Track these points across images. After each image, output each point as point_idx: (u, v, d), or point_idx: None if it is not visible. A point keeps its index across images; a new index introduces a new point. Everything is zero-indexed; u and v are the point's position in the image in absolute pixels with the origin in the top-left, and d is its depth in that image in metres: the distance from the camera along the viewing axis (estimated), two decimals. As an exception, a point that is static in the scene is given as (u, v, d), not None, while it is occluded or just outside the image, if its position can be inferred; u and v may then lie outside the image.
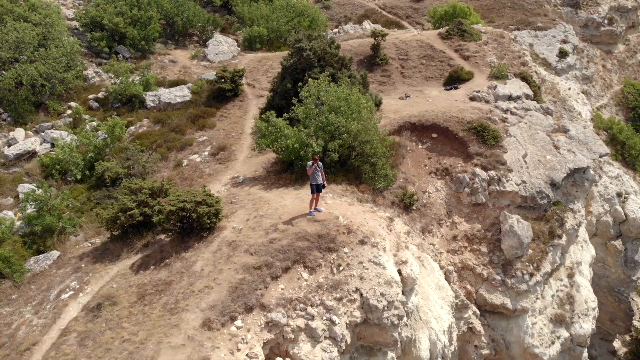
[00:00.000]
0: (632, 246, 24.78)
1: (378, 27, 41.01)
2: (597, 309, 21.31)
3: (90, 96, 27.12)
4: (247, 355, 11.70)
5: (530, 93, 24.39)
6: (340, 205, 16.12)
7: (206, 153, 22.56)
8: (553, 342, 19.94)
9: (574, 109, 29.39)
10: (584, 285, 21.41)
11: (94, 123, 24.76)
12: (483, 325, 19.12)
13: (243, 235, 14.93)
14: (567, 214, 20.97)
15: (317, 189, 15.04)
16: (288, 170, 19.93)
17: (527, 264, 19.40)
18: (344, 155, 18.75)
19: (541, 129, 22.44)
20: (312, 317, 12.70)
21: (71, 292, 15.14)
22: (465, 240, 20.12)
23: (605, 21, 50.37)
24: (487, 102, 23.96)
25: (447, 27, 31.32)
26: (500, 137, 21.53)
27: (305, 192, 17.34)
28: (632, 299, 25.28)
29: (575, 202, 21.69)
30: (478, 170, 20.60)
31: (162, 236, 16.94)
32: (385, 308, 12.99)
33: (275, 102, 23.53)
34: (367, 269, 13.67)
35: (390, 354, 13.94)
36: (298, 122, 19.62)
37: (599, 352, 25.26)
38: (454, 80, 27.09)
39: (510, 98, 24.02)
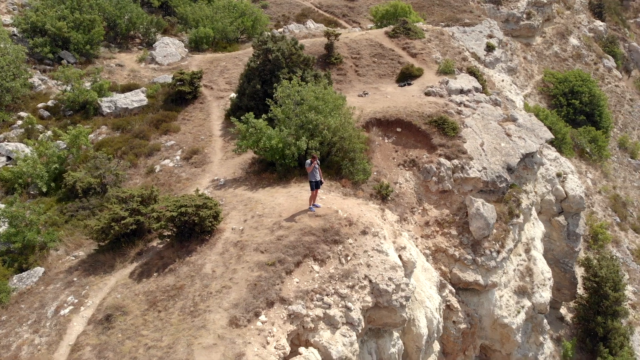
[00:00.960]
0: (573, 220, 27.72)
1: (321, 26, 42.11)
2: (552, 279, 23.74)
3: (40, 105, 25.78)
4: (275, 347, 12.24)
5: (479, 86, 26.51)
6: (334, 199, 16.94)
7: (178, 157, 22.42)
8: (519, 312, 22.04)
9: (509, 99, 32.16)
10: (539, 259, 23.77)
11: (49, 133, 23.70)
12: (459, 302, 20.73)
13: (247, 235, 15.31)
14: (522, 195, 23.17)
15: (315, 186, 15.74)
16: (267, 170, 20.40)
17: (494, 242, 21.28)
18: (324, 152, 19.53)
19: (493, 119, 24.53)
20: (329, 306, 13.43)
21: (71, 307, 14.77)
22: (437, 225, 21.64)
23: (524, 16, 54.88)
24: (441, 96, 25.74)
25: (393, 26, 32.90)
26: (458, 128, 23.29)
27: (295, 190, 18.03)
28: (575, 269, 28.31)
29: (527, 183, 24.00)
30: (442, 160, 22.20)
31: (155, 243, 16.91)
32: (394, 291, 14.01)
33: (243, 103, 23.84)
34: (372, 257, 14.61)
35: (395, 334, 15.02)
36: (273, 122, 20.14)
37: (549, 318, 27.96)
38: (406, 77, 28.69)
39: (462, 92, 25.96)
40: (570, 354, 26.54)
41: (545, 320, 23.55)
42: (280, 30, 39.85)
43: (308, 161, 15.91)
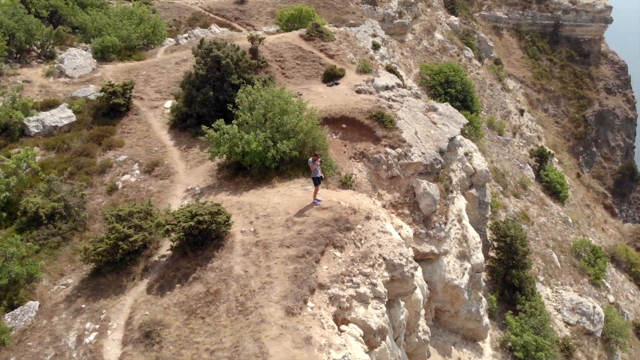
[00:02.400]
0: (481, 192, 32.41)
1: (226, 30, 42.44)
2: (481, 241, 27.86)
3: (-48, 129, 23.01)
4: (329, 327, 13.56)
5: (400, 82, 29.66)
6: (328, 193, 18.42)
7: (138, 171, 21.90)
8: (463, 273, 25.63)
9: (412, 91, 36.14)
10: (469, 226, 27.71)
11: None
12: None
13: (264, 235, 16.16)
14: (450, 174, 26.82)
15: (318, 182, 17.10)
16: (238, 174, 21.08)
17: (440, 216, 24.48)
18: (298, 152, 20.78)
19: (418, 110, 27.81)
20: (358, 285, 15.04)
21: (95, 333, 14.39)
22: (392, 207, 24.16)
23: (397, 15, 60.48)
24: (371, 93, 28.37)
25: (307, 29, 34.75)
26: (394, 120, 26.06)
27: (285, 189, 19.20)
28: (486, 233, 33.18)
29: (452, 163, 27.75)
30: (388, 149, 24.78)
31: (156, 257, 16.87)
32: (405, 264, 16.09)
33: (193, 111, 23.97)
34: (380, 238, 16.49)
35: (402, 303, 17.14)
36: (239, 127, 20.85)
37: (471, 277, 32.54)
38: (331, 77, 30.82)
39: (387, 88, 28.88)
40: (495, 305, 31.22)
41: (482, 278, 27.60)
42: (185, 35, 39.43)
43: (310, 160, 17.21)
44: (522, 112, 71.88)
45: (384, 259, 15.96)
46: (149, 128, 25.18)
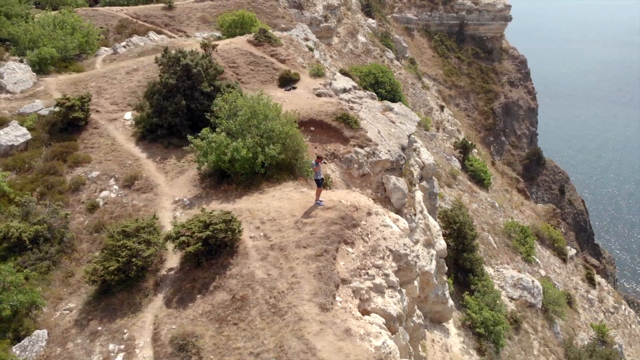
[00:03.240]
0: (430, 184, 34.67)
1: (165, 37, 41.41)
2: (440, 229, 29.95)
3: None
4: (359, 318, 14.40)
5: (356, 85, 30.99)
6: (326, 193, 19.13)
7: (116, 187, 21.20)
8: (432, 260, 27.51)
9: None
10: (429, 215, 29.71)
11: None
12: (397, 262, 25.02)
13: (277, 238, 16.57)
14: (411, 169, 28.61)
15: (320, 183, 17.79)
16: (223, 182, 21.15)
17: (409, 208, 26.13)
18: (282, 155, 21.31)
19: (377, 110, 29.31)
20: (373, 277, 16.00)
21: (123, 353, 14.10)
22: (366, 204, 25.43)
23: (323, 19, 62.12)
24: (331, 96, 29.42)
25: (255, 35, 35.04)
26: (358, 121, 27.33)
27: (279, 193, 19.70)
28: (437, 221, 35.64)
29: (411, 159, 29.56)
30: (357, 149, 25.98)
31: (164, 271, 16.69)
32: (409, 253, 17.30)
33: (164, 121, 23.58)
34: (383, 231, 17.55)
35: (404, 290, 18.34)
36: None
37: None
38: (288, 81, 31.46)
39: (345, 91, 30.09)
40: (452, 288, 33.63)
41: (444, 263, 29.70)
42: (123, 44, 37.99)
43: (314, 162, 17.85)
44: (442, 107, 76.78)
45: (390, 250, 17.06)
46: (114, 141, 24.31)
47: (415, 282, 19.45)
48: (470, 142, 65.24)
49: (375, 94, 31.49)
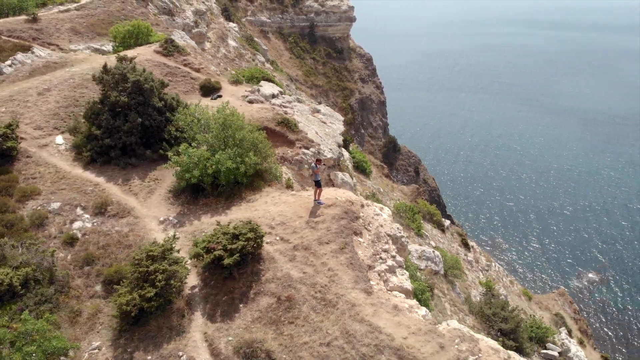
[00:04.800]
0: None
1: (54, 52, 37.63)
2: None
3: None
4: (396, 296, 16.38)
5: (282, 90, 32.31)
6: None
7: (87, 216, 19.86)
8: (375, 243, 30.33)
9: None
10: (363, 205, 32.51)
11: None
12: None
13: (295, 239, 17.59)
14: (346, 163, 31.08)
15: (320, 184, 19.12)
16: (199, 196, 21.19)
17: (356, 200, 28.55)
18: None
19: (307, 113, 31.12)
20: (385, 260, 18.06)
21: (189, 373, 14.09)
22: (319, 200, 27.22)
23: (194, 24, 61.30)
24: (262, 102, 30.41)
25: (163, 45, 34.05)
26: (296, 124, 28.91)
27: (270, 199, 20.65)
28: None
29: (343, 155, 32.00)
30: (304, 150, 27.60)
31: (188, 290, 16.68)
32: (402, 235, 19.70)
33: (117, 141, 22.52)
34: (377, 219, 19.64)
35: (394, 270, 20.70)
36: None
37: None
38: (210, 90, 31.52)
39: (274, 96, 31.26)
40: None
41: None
42: (8, 62, 33.77)
43: (313, 165, 19.05)
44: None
45: (389, 235, 19.28)
46: (57, 169, 22.41)
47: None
48: (350, 137, 70.24)
49: (300, 97, 33.16)
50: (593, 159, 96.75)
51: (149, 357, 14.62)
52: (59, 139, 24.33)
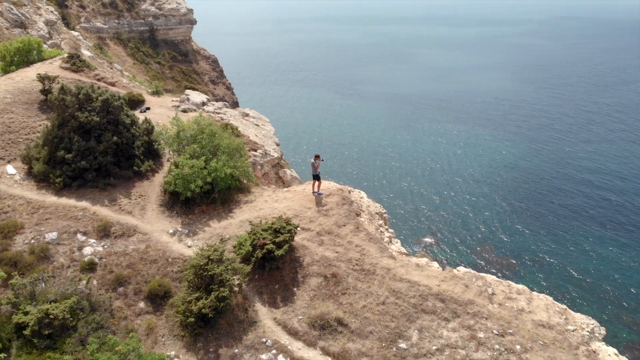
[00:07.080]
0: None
1: None
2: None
3: None
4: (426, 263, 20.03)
5: (208, 97, 33.13)
6: (307, 186, 22.85)
7: (93, 240, 19.45)
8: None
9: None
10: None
11: None
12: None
13: (315, 227, 20.00)
14: (285, 161, 33.54)
15: (319, 178, 21.60)
16: (192, 205, 22.07)
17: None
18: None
19: (238, 117, 32.65)
20: (384, 232, 21.60)
21: (280, 354, 15.92)
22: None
23: (49, 35, 56.29)
24: (195, 110, 31.13)
25: (67, 60, 32.04)
26: (238, 129, 30.47)
27: (267, 197, 22.45)
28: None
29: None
30: (254, 152, 29.42)
31: (235, 288, 18.10)
32: (384, 211, 23.40)
33: (94, 161, 22.04)
34: (363, 200, 22.98)
35: (375, 243, 24.37)
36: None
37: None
38: (136, 103, 31.12)
39: (204, 104, 32.09)
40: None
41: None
42: None
43: (313, 161, 21.34)
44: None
45: (377, 213, 22.82)
46: (27, 201, 21.03)
47: (372, 236, 25.59)
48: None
49: (227, 103, 34.40)
50: (397, 133, 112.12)
51: (236, 350, 15.99)
52: (10, 168, 22.54)
